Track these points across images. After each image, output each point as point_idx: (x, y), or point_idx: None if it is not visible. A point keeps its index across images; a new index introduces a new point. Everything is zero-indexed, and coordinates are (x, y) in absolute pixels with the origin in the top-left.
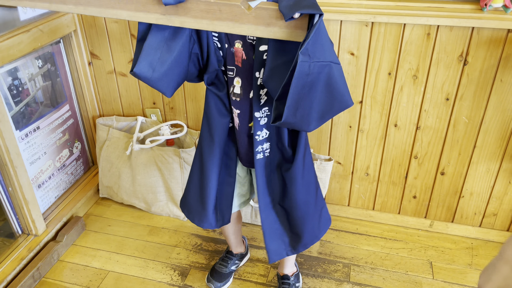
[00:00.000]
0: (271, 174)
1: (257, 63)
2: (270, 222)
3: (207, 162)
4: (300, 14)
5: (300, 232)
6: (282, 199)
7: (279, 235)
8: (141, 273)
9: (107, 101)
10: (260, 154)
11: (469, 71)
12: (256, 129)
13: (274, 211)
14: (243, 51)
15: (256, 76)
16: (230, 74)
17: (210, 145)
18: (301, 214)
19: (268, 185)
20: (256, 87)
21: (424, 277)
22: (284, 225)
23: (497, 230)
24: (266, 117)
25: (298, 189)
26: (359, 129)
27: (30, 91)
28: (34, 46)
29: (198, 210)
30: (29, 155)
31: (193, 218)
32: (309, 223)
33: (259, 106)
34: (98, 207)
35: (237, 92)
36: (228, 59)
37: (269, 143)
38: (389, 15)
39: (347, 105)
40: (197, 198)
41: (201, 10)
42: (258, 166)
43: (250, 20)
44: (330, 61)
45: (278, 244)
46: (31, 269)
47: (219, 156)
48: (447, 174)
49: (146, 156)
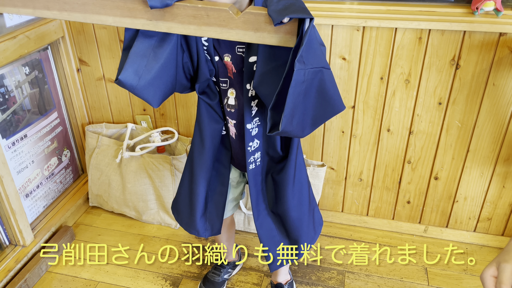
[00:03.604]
0: (263, 181)
1: (247, 75)
2: (266, 229)
3: (196, 168)
4: (290, 18)
5: (297, 236)
6: (275, 205)
7: (276, 243)
8: (132, 283)
9: (97, 108)
10: (252, 165)
11: (461, 75)
12: (248, 141)
13: (270, 218)
14: (232, 64)
15: (246, 88)
16: (223, 86)
17: (200, 151)
18: (296, 216)
19: (261, 192)
20: (247, 99)
21: (419, 283)
22: (281, 231)
23: (492, 234)
24: (257, 127)
25: (290, 191)
26: (352, 134)
27: (17, 98)
28: (21, 53)
29: (187, 215)
30: (16, 164)
31: (181, 222)
32: (305, 224)
33: (250, 117)
34: (88, 216)
35: (232, 103)
36: (221, 71)
37: (259, 152)
38: (380, 19)
39: (339, 109)
40: (187, 203)
41: (188, 15)
42: (251, 176)
43: (239, 25)
44: (322, 66)
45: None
46: (18, 281)
47: (209, 163)
48: (441, 179)
49: (137, 163)
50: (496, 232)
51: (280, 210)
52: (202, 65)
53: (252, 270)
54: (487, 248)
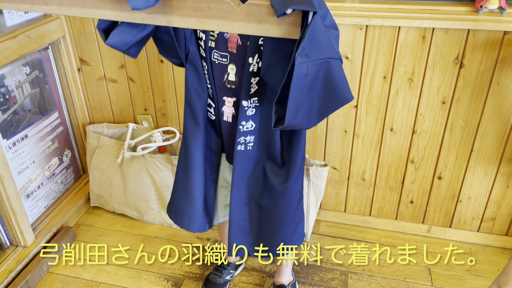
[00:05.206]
0: (253, 171)
1: (252, 48)
2: (239, 218)
3: (191, 150)
4: (293, 10)
5: (269, 236)
6: (261, 197)
7: (244, 234)
8: (134, 284)
9: (97, 107)
10: (241, 146)
11: (465, 74)
12: (241, 119)
13: (247, 209)
14: (238, 36)
15: (249, 62)
16: (223, 60)
17: (194, 129)
18: (276, 218)
19: (246, 180)
20: (247, 74)
21: (422, 283)
22: (253, 225)
23: (496, 234)
24: (254, 108)
25: (283, 196)
26: (355, 134)
27: (17, 98)
28: (21, 52)
29: (186, 211)
30: (16, 165)
31: (182, 223)
32: (283, 231)
33: (248, 94)
34: (89, 217)
35: (232, 79)
36: (220, 45)
37: (253, 137)
38: (383, 18)
39: (346, 100)
40: (184, 195)
41: (189, 8)
42: (237, 157)
43: (241, 17)
44: (328, 57)
45: (242, 241)
46: (19, 282)
47: (203, 139)
48: (444, 179)
49: (138, 163)
50: (500, 232)
51: (265, 204)
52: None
53: (254, 271)
54: (490, 248)
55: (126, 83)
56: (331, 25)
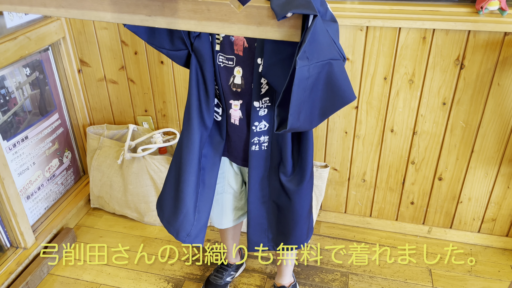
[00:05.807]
0: (269, 171)
1: (259, 49)
2: (257, 216)
3: (185, 151)
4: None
5: (288, 233)
6: (278, 196)
7: (263, 230)
8: (134, 285)
9: (98, 109)
10: (255, 146)
11: (466, 75)
12: (254, 120)
13: (264, 207)
14: (244, 38)
15: (258, 63)
16: (229, 64)
17: (187, 124)
18: (295, 216)
19: (262, 180)
20: (257, 75)
21: (423, 285)
22: (271, 223)
23: (496, 235)
24: (266, 108)
25: (298, 196)
26: (355, 135)
27: (17, 100)
28: (21, 54)
29: (170, 210)
30: (17, 166)
31: (162, 218)
32: (300, 227)
33: (259, 95)
34: (89, 218)
35: (238, 82)
36: (226, 48)
37: (267, 137)
38: (384, 19)
39: (349, 99)
40: (172, 196)
41: (189, 10)
42: (252, 158)
43: (241, 20)
44: (329, 58)
45: (261, 237)
46: (20, 284)
47: (198, 134)
48: (445, 180)
49: (138, 165)
50: (501, 233)
51: (282, 202)
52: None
53: (255, 272)
54: (491, 249)
55: (127, 84)
56: (330, 19)
